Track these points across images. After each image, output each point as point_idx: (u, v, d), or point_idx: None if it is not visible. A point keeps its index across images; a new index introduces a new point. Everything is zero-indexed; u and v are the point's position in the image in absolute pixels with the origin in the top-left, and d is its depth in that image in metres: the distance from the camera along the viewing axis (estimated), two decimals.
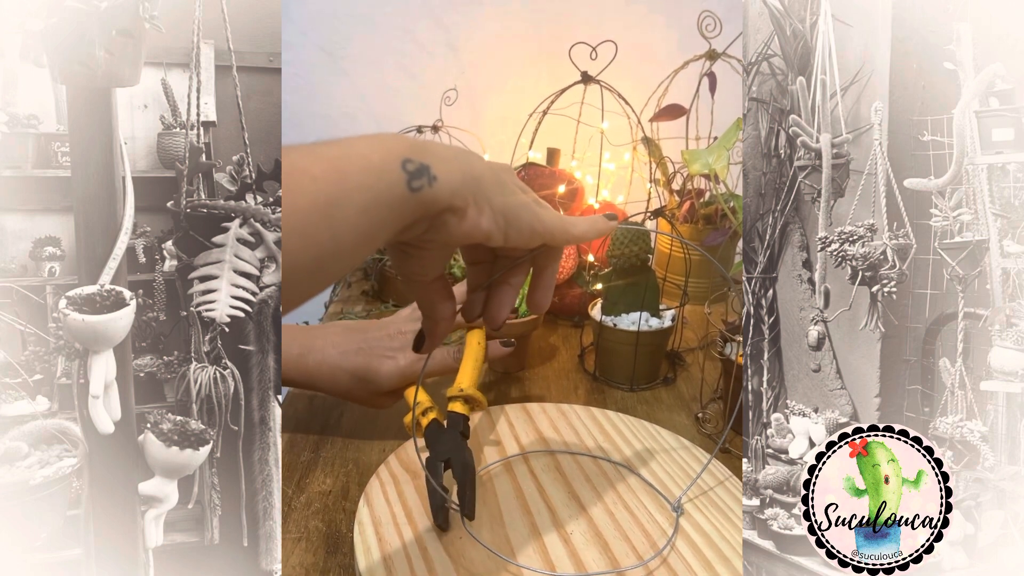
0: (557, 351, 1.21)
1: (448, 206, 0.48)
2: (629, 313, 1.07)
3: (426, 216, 0.48)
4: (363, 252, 0.45)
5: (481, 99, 1.87)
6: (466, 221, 0.49)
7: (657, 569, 0.66)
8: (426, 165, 0.46)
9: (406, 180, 0.45)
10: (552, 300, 1.36)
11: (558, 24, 1.82)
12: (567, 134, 1.35)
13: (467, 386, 0.83)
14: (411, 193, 0.45)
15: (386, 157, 0.45)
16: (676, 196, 1.42)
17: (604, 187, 1.43)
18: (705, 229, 1.37)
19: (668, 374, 1.12)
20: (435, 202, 0.47)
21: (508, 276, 0.58)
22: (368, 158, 0.44)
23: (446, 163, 0.48)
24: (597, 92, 1.26)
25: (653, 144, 1.35)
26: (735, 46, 1.31)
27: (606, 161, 1.35)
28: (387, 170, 0.45)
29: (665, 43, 1.79)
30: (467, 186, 0.49)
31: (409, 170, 0.45)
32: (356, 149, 0.45)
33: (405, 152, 0.46)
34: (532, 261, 0.59)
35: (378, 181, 0.44)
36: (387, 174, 0.45)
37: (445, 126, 1.44)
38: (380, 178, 0.44)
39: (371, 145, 0.45)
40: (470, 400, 0.82)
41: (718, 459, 0.85)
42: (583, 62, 1.23)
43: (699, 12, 1.31)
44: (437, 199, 0.47)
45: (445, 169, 0.47)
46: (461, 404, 0.81)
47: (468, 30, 1.85)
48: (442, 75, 1.85)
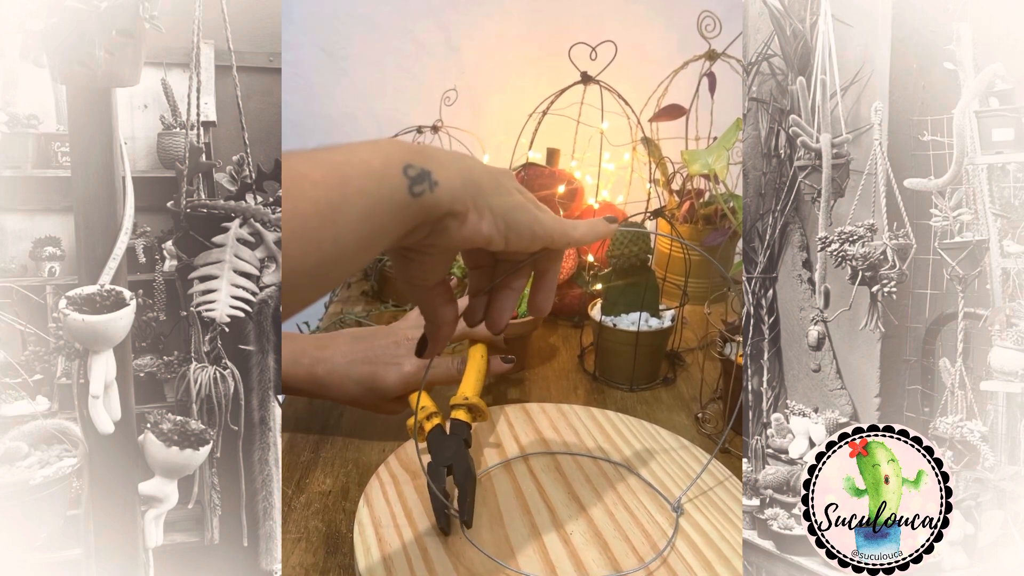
0: (557, 351, 1.21)
1: (449, 211, 0.48)
2: (629, 313, 1.07)
3: (427, 221, 0.48)
4: (364, 257, 0.46)
5: (481, 99, 1.87)
6: (467, 226, 0.49)
7: (657, 569, 0.66)
8: (427, 170, 0.46)
9: (407, 185, 0.45)
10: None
11: (558, 24, 1.82)
12: (567, 134, 1.35)
13: (471, 395, 0.83)
14: (412, 198, 0.46)
15: (387, 162, 0.45)
16: (676, 196, 1.43)
17: (604, 187, 1.43)
18: (705, 229, 1.37)
19: (668, 374, 1.12)
20: (436, 207, 0.47)
21: (509, 280, 0.59)
22: (369, 163, 0.45)
23: (446, 168, 0.48)
24: (597, 92, 1.26)
25: (653, 144, 1.35)
26: (735, 46, 1.31)
27: (606, 161, 1.35)
28: (388, 175, 0.45)
29: (665, 43, 1.79)
30: (467, 190, 0.49)
31: (410, 175, 0.46)
32: (357, 155, 0.45)
33: (406, 157, 0.46)
34: (533, 265, 0.59)
35: (379, 186, 0.44)
36: (388, 179, 0.45)
37: (445, 126, 1.44)
38: (381, 183, 0.45)
39: (372, 150, 0.46)
40: (473, 409, 0.83)
41: (718, 459, 0.85)
42: (583, 62, 1.23)
43: (699, 12, 1.31)
44: (438, 204, 0.47)
45: (446, 174, 0.47)
46: (465, 412, 0.82)
47: (468, 30, 1.85)
48: (442, 75, 1.85)
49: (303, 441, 0.91)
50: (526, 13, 1.83)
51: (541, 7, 1.83)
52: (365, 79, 1.88)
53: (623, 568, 0.66)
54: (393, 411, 0.89)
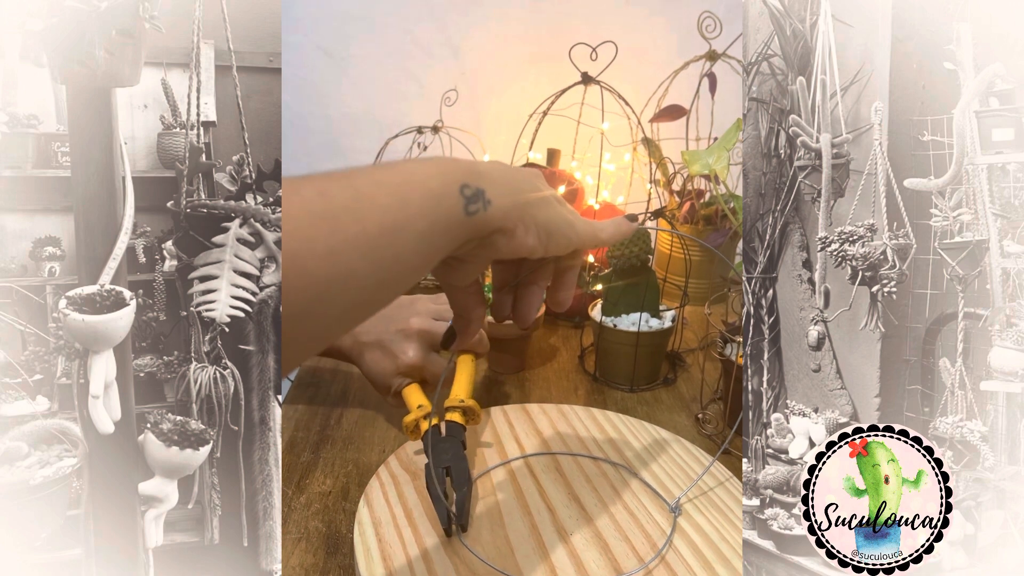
0: (557, 352, 1.21)
1: (499, 228, 0.50)
2: (629, 314, 1.07)
3: (477, 236, 0.50)
4: (422, 273, 0.48)
5: (481, 100, 1.86)
6: (515, 240, 0.51)
7: (657, 569, 0.66)
8: (481, 190, 0.48)
9: (463, 205, 0.47)
10: None
11: (558, 25, 1.82)
12: (567, 135, 1.35)
13: (466, 397, 0.83)
14: (467, 217, 0.48)
15: (445, 183, 0.47)
16: (676, 197, 1.43)
17: (604, 188, 1.43)
18: (705, 230, 1.37)
19: (668, 375, 1.12)
20: (487, 224, 0.49)
21: (535, 277, 0.60)
22: (428, 185, 0.46)
23: (498, 186, 0.50)
24: (597, 93, 1.26)
25: (653, 145, 1.35)
26: (735, 47, 1.31)
27: (606, 162, 1.35)
28: (446, 195, 0.47)
29: (665, 44, 1.79)
30: (517, 209, 0.51)
31: (466, 195, 0.48)
32: (417, 176, 0.47)
33: (462, 177, 0.48)
34: (556, 261, 0.60)
35: (437, 207, 0.46)
36: (446, 199, 0.47)
37: (445, 127, 1.44)
38: (440, 204, 0.46)
39: (430, 171, 0.47)
40: (468, 412, 0.83)
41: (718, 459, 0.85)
42: (583, 63, 1.23)
43: (699, 13, 1.31)
44: (490, 222, 0.49)
45: (498, 193, 0.49)
46: (459, 415, 0.82)
47: (468, 30, 1.85)
48: (442, 76, 1.85)
49: (303, 441, 0.91)
50: (526, 14, 1.83)
51: (541, 8, 1.83)
52: (365, 79, 1.88)
53: (624, 569, 0.66)
54: (390, 403, 0.91)
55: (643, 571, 0.66)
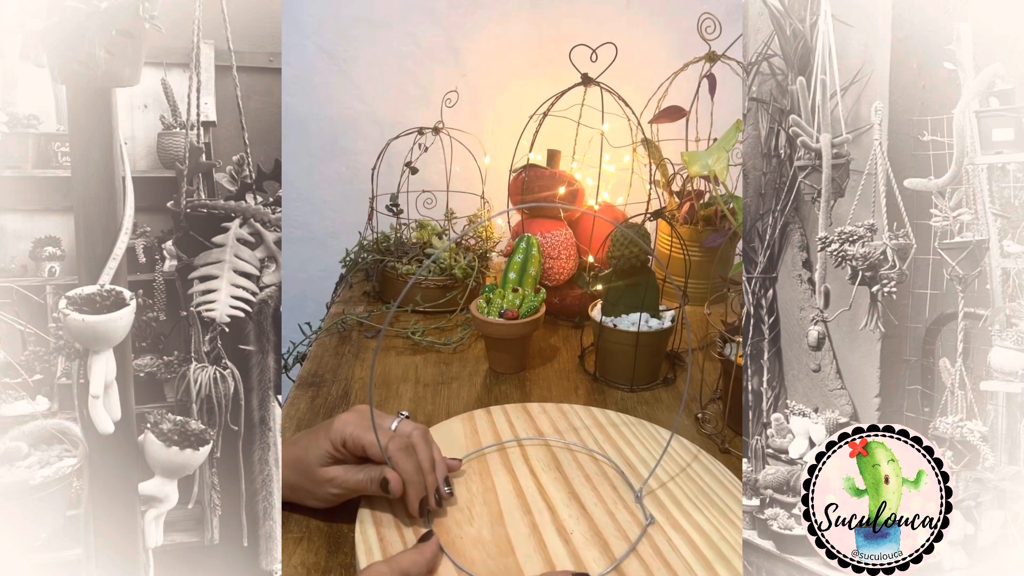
0: (557, 352, 1.21)
1: None
2: (629, 314, 1.07)
3: None
4: None
5: (482, 101, 1.87)
6: None
7: (657, 569, 0.66)
8: None
9: None
10: (553, 301, 1.36)
11: (558, 26, 1.82)
12: (567, 136, 1.35)
13: None
14: None
15: None
16: (676, 198, 1.43)
17: (604, 189, 1.44)
18: (705, 230, 1.38)
19: (668, 374, 1.12)
20: None
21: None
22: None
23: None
24: (597, 94, 1.26)
25: (653, 146, 1.35)
26: (735, 48, 1.31)
27: (606, 163, 1.35)
28: None
29: (665, 45, 1.79)
30: None
31: None
32: None
33: None
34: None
35: None
36: None
37: (446, 128, 1.44)
38: None
39: None
40: None
41: (718, 459, 0.85)
42: (583, 64, 1.23)
43: (699, 14, 1.31)
44: None
45: None
46: None
47: (469, 32, 1.85)
48: (443, 77, 1.85)
49: None
50: (527, 15, 1.83)
51: (542, 9, 1.83)
52: (366, 80, 1.89)
53: (623, 568, 0.66)
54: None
55: (643, 570, 0.66)
